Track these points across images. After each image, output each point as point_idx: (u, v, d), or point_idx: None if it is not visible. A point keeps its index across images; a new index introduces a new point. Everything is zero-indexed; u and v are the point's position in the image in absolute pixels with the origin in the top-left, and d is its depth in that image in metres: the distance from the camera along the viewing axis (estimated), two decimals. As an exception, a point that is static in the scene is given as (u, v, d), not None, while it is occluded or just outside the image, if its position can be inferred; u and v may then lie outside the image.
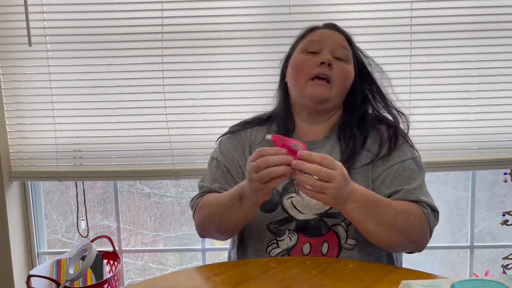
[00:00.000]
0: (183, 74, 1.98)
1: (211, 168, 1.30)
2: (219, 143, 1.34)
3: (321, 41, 1.24)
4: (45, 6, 1.96)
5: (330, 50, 1.22)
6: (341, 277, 1.01)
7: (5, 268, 2.07)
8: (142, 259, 2.46)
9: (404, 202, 1.13)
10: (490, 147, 1.99)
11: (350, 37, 1.30)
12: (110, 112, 2.02)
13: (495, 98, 1.97)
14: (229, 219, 1.15)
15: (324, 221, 1.17)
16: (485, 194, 2.31)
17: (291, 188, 1.19)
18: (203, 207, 1.23)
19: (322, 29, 1.29)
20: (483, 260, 2.33)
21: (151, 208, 2.46)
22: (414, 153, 1.25)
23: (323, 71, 1.19)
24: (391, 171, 1.18)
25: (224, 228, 1.20)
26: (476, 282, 0.79)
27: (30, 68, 2.01)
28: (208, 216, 1.20)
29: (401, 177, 1.18)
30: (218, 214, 1.17)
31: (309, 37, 1.27)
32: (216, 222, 1.18)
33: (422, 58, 1.94)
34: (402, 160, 1.20)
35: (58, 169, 2.05)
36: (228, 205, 1.14)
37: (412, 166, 1.20)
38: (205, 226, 1.24)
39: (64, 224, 2.39)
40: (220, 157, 1.29)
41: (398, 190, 1.16)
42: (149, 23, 1.95)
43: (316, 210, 1.17)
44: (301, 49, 1.26)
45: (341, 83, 1.22)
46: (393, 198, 1.15)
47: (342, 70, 1.22)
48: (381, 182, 1.18)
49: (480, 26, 1.92)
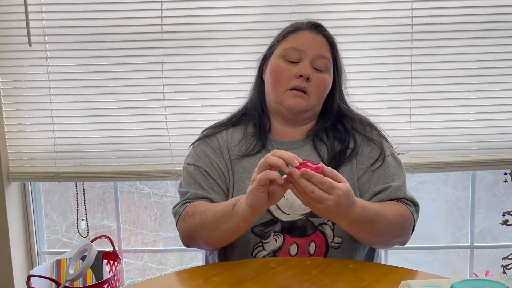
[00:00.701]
0: (183, 74, 1.98)
1: (190, 174, 1.25)
2: (193, 148, 1.30)
3: (302, 50, 1.21)
4: (44, 6, 1.96)
5: (310, 60, 1.21)
6: (341, 277, 1.01)
7: (5, 268, 2.07)
8: (142, 259, 2.46)
9: (394, 207, 1.15)
10: (490, 147, 1.99)
11: (333, 40, 1.28)
12: (109, 112, 2.02)
13: (495, 98, 1.97)
14: (220, 230, 1.10)
15: (310, 221, 1.17)
16: (485, 194, 2.31)
17: None
18: (189, 215, 1.17)
19: (305, 31, 1.25)
20: (483, 260, 2.33)
21: (151, 208, 2.46)
22: (392, 149, 1.27)
23: (300, 84, 1.19)
24: (375, 168, 1.20)
25: (213, 240, 1.14)
26: (476, 282, 0.79)
27: (29, 68, 2.00)
28: (197, 225, 1.14)
29: (385, 174, 1.20)
30: (209, 224, 1.11)
31: (291, 42, 1.23)
32: (205, 233, 1.13)
33: (423, 58, 1.94)
34: (384, 157, 1.22)
35: (56, 170, 2.05)
36: (220, 214, 1.09)
37: (393, 162, 1.23)
38: (192, 235, 1.17)
39: (64, 224, 2.39)
40: (198, 162, 1.25)
41: (386, 188, 1.18)
42: (148, 23, 1.95)
43: (302, 211, 1.17)
44: (281, 54, 1.23)
45: (318, 94, 1.23)
46: (381, 196, 1.18)
47: (320, 82, 1.22)
48: (367, 180, 1.20)
49: (480, 26, 1.92)
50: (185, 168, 1.28)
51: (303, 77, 1.19)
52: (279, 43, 1.26)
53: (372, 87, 1.97)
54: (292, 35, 1.25)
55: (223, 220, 1.09)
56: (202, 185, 1.22)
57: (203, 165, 1.24)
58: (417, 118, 1.98)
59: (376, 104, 1.97)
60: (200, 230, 1.14)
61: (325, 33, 1.27)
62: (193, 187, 1.22)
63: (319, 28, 1.26)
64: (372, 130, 1.27)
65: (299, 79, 1.19)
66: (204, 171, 1.23)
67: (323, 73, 1.23)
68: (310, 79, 1.19)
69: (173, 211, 1.24)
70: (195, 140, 1.32)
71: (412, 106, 1.97)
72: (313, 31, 1.25)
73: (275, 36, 1.30)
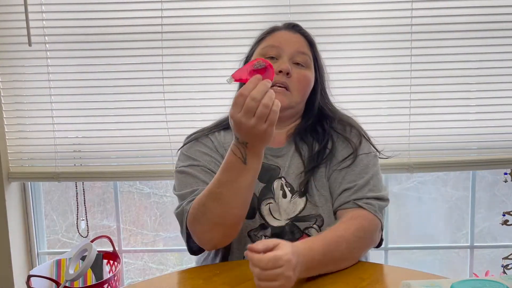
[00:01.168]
0: (183, 74, 1.98)
1: (189, 174, 1.17)
2: (186, 151, 1.23)
3: (280, 46, 1.20)
4: (44, 6, 1.96)
5: (289, 56, 1.19)
6: (341, 277, 1.01)
7: (5, 268, 2.07)
8: (142, 259, 2.46)
9: (349, 223, 1.08)
10: (490, 147, 1.99)
11: (311, 39, 1.26)
12: (109, 112, 2.02)
13: (495, 98, 1.97)
14: (236, 194, 1.02)
15: (296, 225, 1.16)
16: (485, 194, 2.31)
17: (268, 194, 1.18)
18: (197, 208, 1.07)
19: (282, 30, 1.24)
20: (483, 260, 2.33)
21: (151, 208, 2.46)
22: (370, 148, 1.23)
23: (280, 80, 1.16)
24: (343, 167, 1.17)
25: (232, 212, 1.04)
26: (476, 282, 0.79)
27: (29, 68, 2.00)
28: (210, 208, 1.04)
29: (353, 172, 1.16)
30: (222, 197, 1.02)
31: (268, 41, 1.22)
32: (221, 210, 1.03)
33: (423, 58, 1.94)
34: (355, 156, 1.18)
35: (56, 170, 2.05)
36: (231, 177, 1.01)
37: (365, 160, 1.19)
38: (210, 225, 1.06)
39: (64, 224, 2.39)
40: (196, 162, 1.19)
41: (350, 187, 1.14)
42: (148, 23, 1.95)
43: (287, 215, 1.16)
44: (260, 54, 1.21)
45: (300, 91, 1.20)
46: (343, 197, 1.14)
47: (301, 77, 1.19)
48: (334, 179, 1.17)
49: (480, 26, 1.92)
50: (180, 171, 1.20)
51: (283, 72, 1.16)
52: (257, 44, 1.25)
53: (371, 87, 1.97)
54: (269, 35, 1.24)
55: (237, 181, 1.01)
56: (207, 182, 1.10)
57: (204, 163, 1.19)
58: (416, 118, 1.98)
59: (375, 104, 1.97)
60: (215, 211, 1.04)
61: (302, 31, 1.26)
62: (197, 186, 1.14)
63: (296, 28, 1.26)
64: (352, 130, 1.24)
65: (279, 74, 1.16)
66: (207, 168, 1.18)
67: (304, 69, 1.20)
68: (290, 74, 1.17)
69: (178, 211, 1.15)
70: (182, 145, 1.26)
71: (411, 106, 1.97)
72: (290, 30, 1.24)
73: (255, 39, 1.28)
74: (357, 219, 1.10)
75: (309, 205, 1.16)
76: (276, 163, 1.21)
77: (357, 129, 1.24)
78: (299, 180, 1.18)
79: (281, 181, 1.18)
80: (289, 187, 1.18)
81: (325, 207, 1.17)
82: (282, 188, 1.18)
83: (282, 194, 1.17)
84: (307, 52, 1.22)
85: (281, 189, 1.18)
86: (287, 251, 0.92)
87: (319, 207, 1.16)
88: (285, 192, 1.18)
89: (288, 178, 1.19)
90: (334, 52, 1.92)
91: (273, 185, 1.18)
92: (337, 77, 1.89)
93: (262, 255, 0.90)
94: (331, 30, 1.94)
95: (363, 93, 1.96)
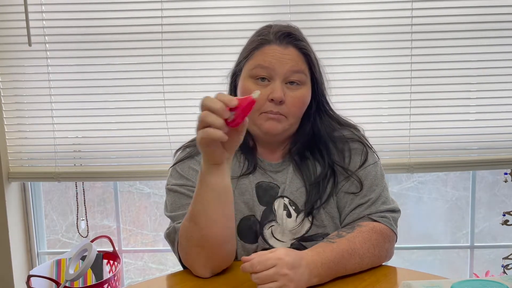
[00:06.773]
0: (183, 74, 1.98)
1: (183, 194, 1.12)
2: (179, 168, 1.17)
3: (270, 67, 1.08)
4: (44, 6, 1.96)
5: (282, 78, 1.08)
6: (341, 277, 1.01)
7: (5, 268, 2.07)
8: (142, 259, 2.46)
9: (368, 232, 1.06)
10: (490, 147, 1.99)
11: (307, 49, 1.12)
12: (109, 112, 2.02)
13: (495, 98, 1.97)
14: (204, 212, 0.98)
15: (303, 245, 1.13)
16: (486, 194, 2.31)
17: (270, 216, 1.14)
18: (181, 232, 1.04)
19: (272, 44, 1.10)
20: (483, 260, 2.33)
21: (151, 208, 2.46)
22: (374, 156, 1.18)
23: (273, 110, 1.08)
24: (353, 180, 1.13)
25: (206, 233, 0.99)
26: (476, 282, 0.79)
27: (29, 68, 2.00)
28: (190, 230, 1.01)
29: (364, 186, 1.13)
30: (196, 217, 0.99)
31: (258, 59, 1.10)
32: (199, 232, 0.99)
33: (423, 58, 1.94)
34: (364, 167, 1.14)
35: (56, 170, 2.05)
36: (197, 193, 0.98)
37: (373, 171, 1.15)
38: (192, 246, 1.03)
39: (64, 224, 2.39)
40: (189, 182, 1.13)
41: (363, 203, 1.11)
42: (148, 22, 1.95)
43: (293, 235, 1.13)
44: (249, 75, 1.11)
45: (296, 113, 1.12)
46: (356, 213, 1.11)
47: (295, 100, 1.10)
48: (343, 195, 1.13)
49: (480, 26, 1.92)
50: (172, 189, 1.14)
51: (275, 101, 1.07)
52: (246, 60, 1.13)
53: (372, 87, 1.97)
54: (258, 51, 1.11)
55: (201, 199, 0.98)
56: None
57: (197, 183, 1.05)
58: (417, 118, 1.98)
59: (376, 104, 1.98)
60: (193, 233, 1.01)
61: (296, 43, 1.11)
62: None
63: (288, 39, 1.10)
64: (351, 155, 1.16)
65: (271, 102, 1.08)
66: None
67: (299, 89, 1.10)
68: (283, 102, 1.08)
69: (169, 231, 1.12)
70: (176, 161, 1.19)
71: (412, 106, 1.97)
72: (282, 44, 1.09)
73: (242, 49, 1.18)
74: (374, 234, 1.07)
75: (316, 225, 1.13)
76: (275, 180, 1.16)
77: (357, 141, 1.18)
78: (302, 198, 1.14)
79: (284, 200, 1.14)
80: (293, 205, 1.14)
81: (331, 224, 1.14)
82: (286, 208, 1.14)
83: (287, 213, 1.13)
84: (302, 69, 1.10)
85: (284, 209, 1.14)
86: (278, 252, 0.92)
87: (326, 226, 1.13)
88: (289, 211, 1.13)
89: (291, 196, 1.14)
90: (334, 52, 1.93)
91: (274, 205, 1.14)
92: (337, 77, 1.89)
93: (251, 260, 0.91)
94: (331, 30, 1.94)
95: (363, 93, 1.97)
